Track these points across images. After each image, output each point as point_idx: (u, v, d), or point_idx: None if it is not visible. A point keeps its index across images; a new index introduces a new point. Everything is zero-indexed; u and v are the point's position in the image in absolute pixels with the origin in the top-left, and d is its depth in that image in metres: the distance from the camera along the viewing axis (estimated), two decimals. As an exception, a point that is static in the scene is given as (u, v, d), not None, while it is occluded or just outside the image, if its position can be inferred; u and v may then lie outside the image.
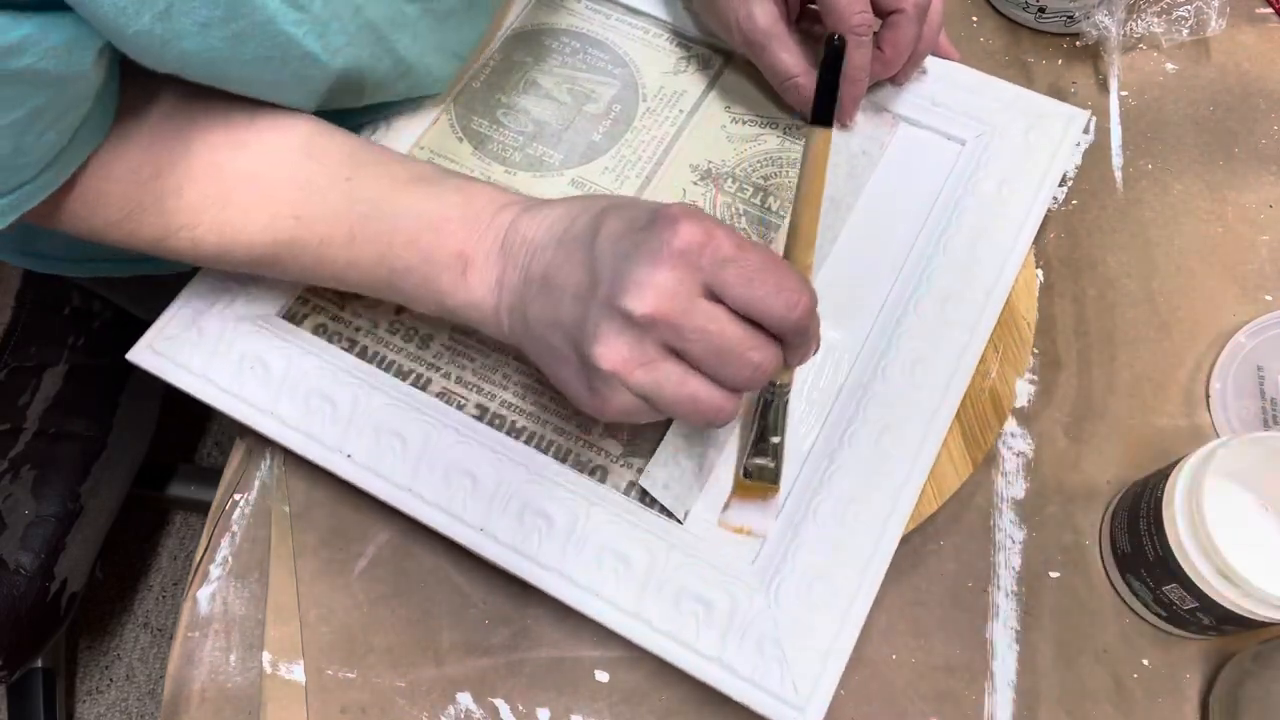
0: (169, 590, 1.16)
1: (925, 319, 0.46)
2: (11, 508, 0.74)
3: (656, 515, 0.43)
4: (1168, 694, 0.44)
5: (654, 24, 0.55)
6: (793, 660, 0.39)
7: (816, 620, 0.40)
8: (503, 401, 0.46)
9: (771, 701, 0.39)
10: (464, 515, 0.42)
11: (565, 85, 0.53)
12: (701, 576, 0.41)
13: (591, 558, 0.41)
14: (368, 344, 0.47)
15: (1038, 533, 0.47)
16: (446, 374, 0.46)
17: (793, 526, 0.42)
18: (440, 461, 0.43)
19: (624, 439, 0.45)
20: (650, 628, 0.40)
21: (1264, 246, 0.54)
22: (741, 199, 0.50)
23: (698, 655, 0.40)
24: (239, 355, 0.46)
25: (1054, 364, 0.51)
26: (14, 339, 0.80)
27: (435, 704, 0.44)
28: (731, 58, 0.54)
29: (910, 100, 0.52)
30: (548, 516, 0.42)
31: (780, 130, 0.52)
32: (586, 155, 0.51)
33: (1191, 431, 0.49)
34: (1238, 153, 0.56)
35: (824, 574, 0.41)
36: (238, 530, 0.48)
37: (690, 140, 0.52)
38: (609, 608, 0.41)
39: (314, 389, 0.45)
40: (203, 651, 0.45)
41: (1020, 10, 0.60)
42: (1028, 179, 0.49)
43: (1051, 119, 0.51)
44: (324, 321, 0.48)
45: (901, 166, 0.51)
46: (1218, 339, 0.51)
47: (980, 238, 0.47)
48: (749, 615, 0.40)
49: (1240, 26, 0.60)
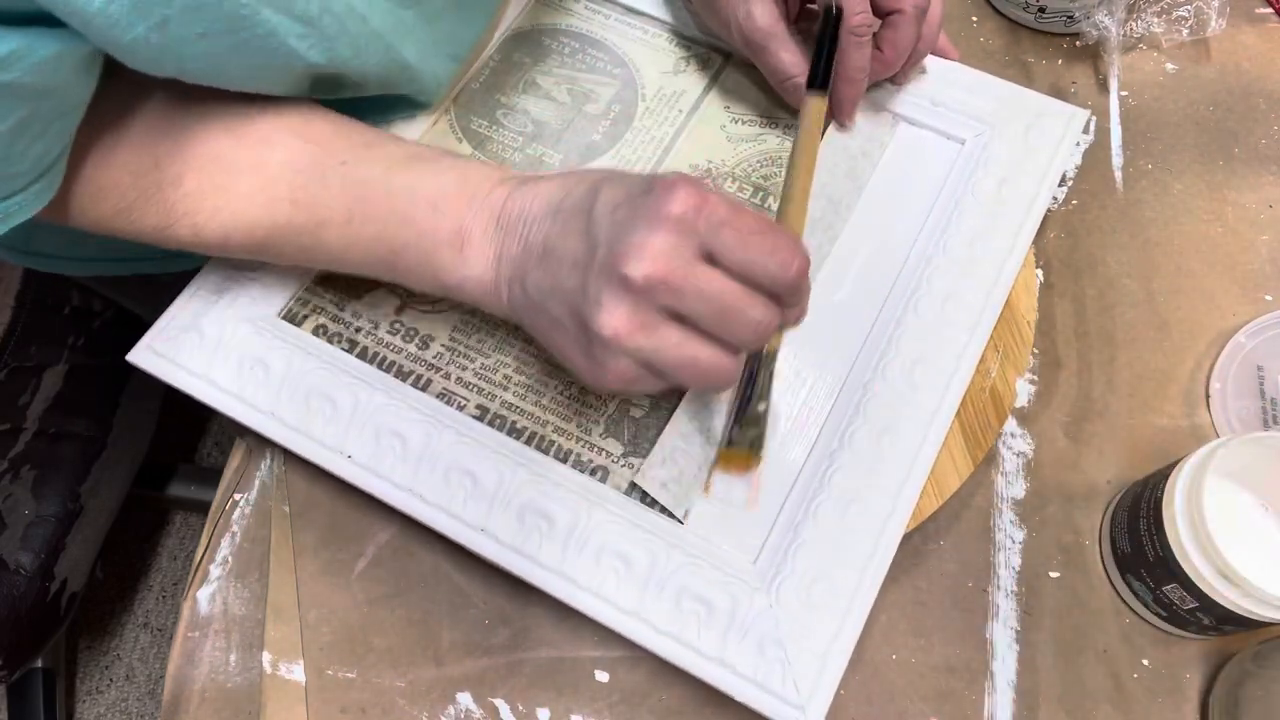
0: (169, 590, 1.16)
1: (925, 319, 0.46)
2: (11, 508, 0.74)
3: (657, 515, 0.43)
4: (1168, 694, 0.44)
5: (653, 24, 0.55)
6: (794, 660, 0.39)
7: (817, 620, 0.40)
8: (503, 402, 0.46)
9: (773, 701, 0.39)
10: (464, 515, 0.42)
11: (565, 85, 0.53)
12: (703, 576, 0.41)
13: (592, 558, 0.41)
14: (368, 345, 0.47)
15: (1038, 533, 0.47)
16: (447, 374, 0.46)
17: (793, 527, 0.42)
18: (441, 462, 0.43)
19: (625, 439, 0.45)
20: (651, 628, 0.40)
21: (1264, 246, 0.54)
22: (741, 199, 0.50)
23: (699, 655, 0.40)
24: (239, 356, 0.46)
25: (1054, 364, 0.51)
26: (14, 339, 0.80)
27: (435, 704, 0.44)
28: (731, 58, 0.54)
29: (909, 100, 0.52)
30: (549, 517, 0.42)
31: (780, 130, 0.52)
32: (586, 155, 0.51)
33: (1191, 431, 0.49)
34: (1238, 153, 0.56)
35: (825, 574, 0.41)
36: (238, 530, 0.48)
37: (690, 140, 0.52)
38: (610, 608, 0.41)
39: (314, 390, 0.45)
40: (203, 651, 0.45)
41: (1020, 10, 0.60)
42: (1027, 178, 0.49)
43: (1051, 118, 0.51)
44: (324, 322, 0.48)
45: (901, 166, 0.51)
46: (1218, 339, 0.51)
47: (980, 237, 0.47)
48: (750, 615, 0.40)
49: (1240, 26, 0.60)
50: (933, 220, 0.49)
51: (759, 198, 0.50)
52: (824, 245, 0.48)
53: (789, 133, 0.52)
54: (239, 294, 0.47)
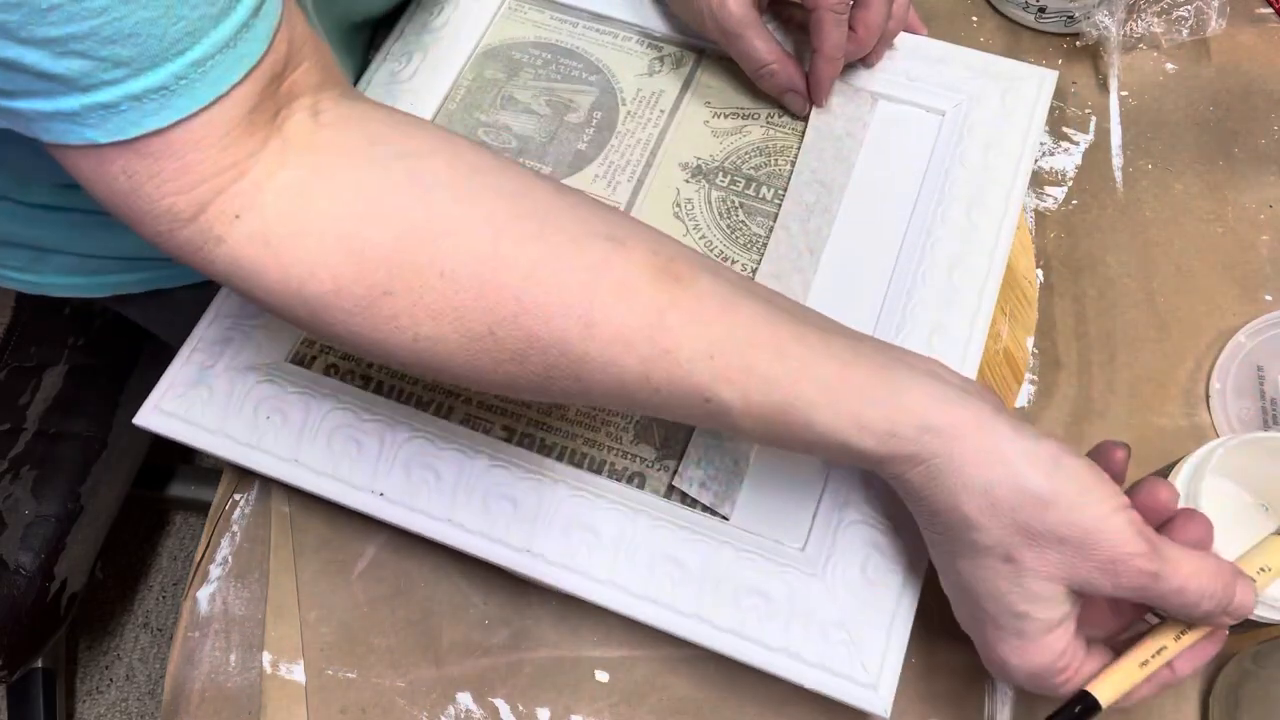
0: (169, 590, 1.16)
1: (935, 288, 0.46)
2: (11, 508, 0.74)
3: (700, 514, 0.42)
4: (1168, 694, 0.44)
5: (621, 28, 0.55)
6: (858, 640, 0.39)
7: (874, 596, 0.40)
8: (529, 420, 0.45)
9: (844, 684, 0.39)
10: (508, 539, 0.42)
11: (543, 97, 0.53)
12: (756, 569, 0.41)
13: (644, 565, 0.41)
14: (382, 379, 0.46)
15: (1038, 533, 0.47)
16: (468, 399, 0.45)
17: (837, 507, 0.42)
18: (478, 488, 0.43)
19: (656, 443, 0.44)
20: (713, 627, 0.40)
21: (1264, 246, 0.54)
22: (735, 191, 0.50)
23: (764, 648, 0.40)
24: (254, 406, 0.45)
25: (1054, 364, 0.51)
26: (14, 339, 0.80)
27: (435, 704, 0.44)
28: (704, 54, 0.54)
29: (885, 78, 0.52)
30: (593, 529, 0.42)
31: (762, 120, 0.52)
32: (575, 165, 0.51)
33: (1191, 431, 0.49)
34: (1238, 153, 0.56)
35: (875, 549, 0.41)
36: (238, 530, 0.48)
37: (675, 139, 0.52)
38: (669, 613, 0.40)
39: (336, 430, 0.44)
40: (203, 651, 0.45)
41: (1020, 10, 0.60)
42: (1010, 142, 0.50)
43: (1023, 81, 0.51)
44: (334, 361, 0.47)
45: (887, 143, 0.51)
46: (1218, 339, 0.51)
47: (975, 204, 0.48)
48: (809, 601, 0.40)
49: (1240, 26, 0.60)
50: (926, 192, 0.49)
51: (753, 188, 0.50)
52: (823, 228, 0.49)
53: (771, 122, 0.52)
54: (243, 343, 0.46)
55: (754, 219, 0.49)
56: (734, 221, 0.49)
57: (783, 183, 0.50)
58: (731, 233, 0.49)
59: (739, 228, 0.49)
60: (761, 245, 0.48)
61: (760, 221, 0.49)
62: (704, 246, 0.48)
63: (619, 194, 0.50)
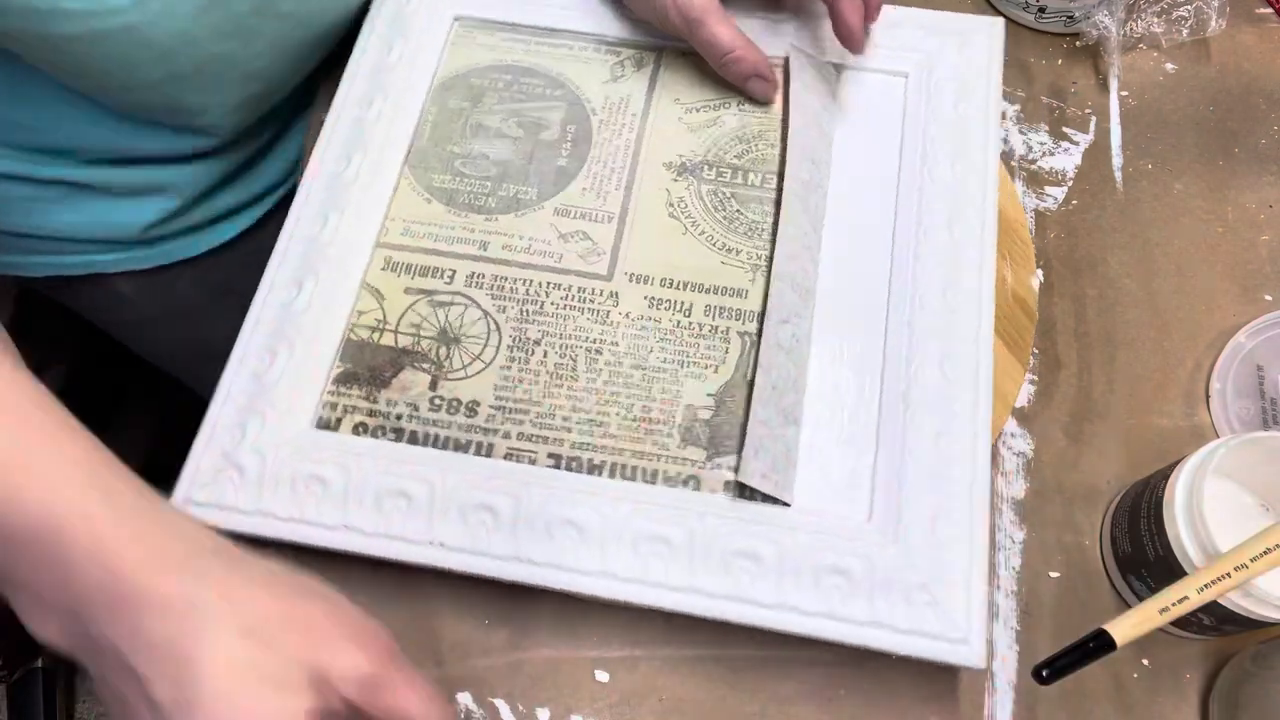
0: (169, 590, 1.16)
1: (939, 246, 0.47)
2: (11, 508, 0.74)
3: (761, 505, 0.42)
4: (1168, 694, 0.44)
5: (575, 38, 0.54)
6: (941, 600, 0.40)
7: (948, 554, 0.40)
8: (573, 444, 0.44)
9: (937, 645, 0.39)
10: (579, 565, 0.41)
11: (512, 119, 0.52)
12: (830, 548, 0.41)
13: (719, 565, 0.41)
14: (415, 429, 0.45)
15: (1038, 533, 0.47)
16: (506, 434, 0.45)
17: (894, 473, 0.42)
18: (539, 521, 0.42)
19: (704, 443, 0.44)
20: (800, 614, 0.40)
21: (1264, 246, 0.54)
22: (724, 183, 0.50)
23: (854, 625, 0.40)
24: (290, 480, 0.43)
25: (1054, 364, 0.51)
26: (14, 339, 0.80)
27: (434, 704, 0.44)
28: (663, 52, 0.54)
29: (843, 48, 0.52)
30: (664, 539, 0.41)
31: (734, 109, 0.52)
32: (559, 182, 0.50)
33: (1191, 431, 0.49)
34: (1238, 153, 0.56)
35: (939, 508, 0.41)
36: (237, 530, 0.48)
37: (653, 141, 0.51)
38: (755, 608, 0.40)
39: (382, 489, 0.43)
40: (202, 651, 0.45)
41: (1020, 10, 0.60)
42: (976, 92, 0.51)
43: (975, 33, 0.52)
44: (362, 420, 0.45)
45: (859, 111, 0.52)
46: (1218, 339, 0.51)
47: (958, 157, 0.49)
48: (887, 570, 0.40)
49: (1240, 26, 0.60)
50: (908, 154, 0.50)
51: (741, 177, 0.50)
52: (820, 204, 0.49)
53: (743, 109, 0.52)
54: (263, 419, 0.44)
55: (748, 206, 0.49)
56: (730, 212, 0.49)
57: (769, 167, 0.50)
58: (729, 224, 0.49)
59: (736, 217, 0.49)
60: (762, 231, 0.48)
61: (755, 208, 0.49)
62: (705, 241, 0.48)
63: (609, 204, 0.50)
